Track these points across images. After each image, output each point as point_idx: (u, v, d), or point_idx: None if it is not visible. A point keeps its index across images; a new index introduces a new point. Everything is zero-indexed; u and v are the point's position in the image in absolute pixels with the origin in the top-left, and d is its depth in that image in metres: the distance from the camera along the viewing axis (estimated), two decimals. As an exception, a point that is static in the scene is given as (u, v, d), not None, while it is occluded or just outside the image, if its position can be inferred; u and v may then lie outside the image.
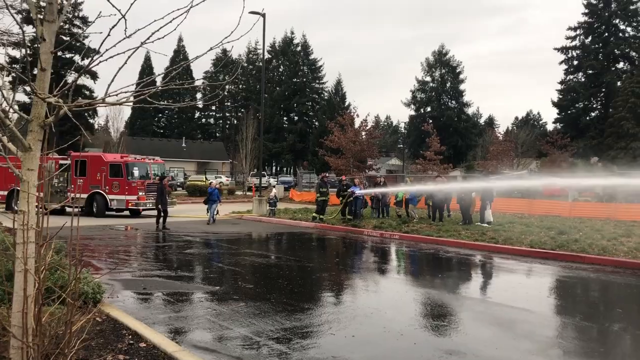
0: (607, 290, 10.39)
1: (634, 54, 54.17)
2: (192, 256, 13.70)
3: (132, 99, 3.81)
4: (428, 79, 78.58)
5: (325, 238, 18.16)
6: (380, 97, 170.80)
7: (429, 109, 78.01)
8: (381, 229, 18.76)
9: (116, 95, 3.64)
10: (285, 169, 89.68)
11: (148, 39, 3.37)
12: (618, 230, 17.38)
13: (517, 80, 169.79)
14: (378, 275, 11.58)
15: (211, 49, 3.84)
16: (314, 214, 21.75)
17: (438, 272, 12.33)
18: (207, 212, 21.37)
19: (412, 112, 79.76)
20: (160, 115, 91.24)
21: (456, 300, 9.01)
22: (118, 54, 3.53)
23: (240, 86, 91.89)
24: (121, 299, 8.34)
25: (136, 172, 23.30)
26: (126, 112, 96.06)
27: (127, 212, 23.58)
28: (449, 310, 8.21)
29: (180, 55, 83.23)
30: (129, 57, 3.45)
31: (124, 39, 3.43)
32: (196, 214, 24.51)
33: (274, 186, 41.81)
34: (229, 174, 65.54)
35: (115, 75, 3.53)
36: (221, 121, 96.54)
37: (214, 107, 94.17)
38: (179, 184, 48.35)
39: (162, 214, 18.94)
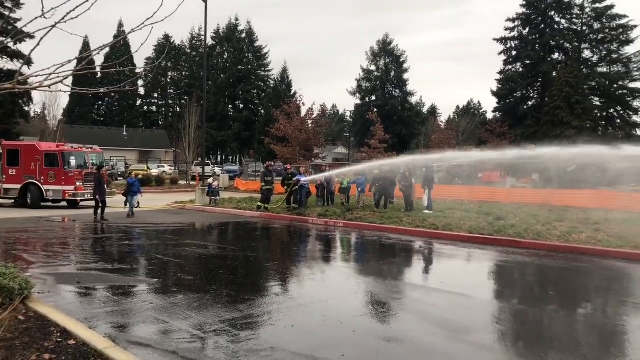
0: (540, 273, 10.76)
1: (568, 45, 56.28)
2: (130, 248, 13.31)
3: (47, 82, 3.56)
4: (373, 68, 79.26)
5: (269, 227, 18.03)
6: (327, 86, 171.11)
7: (373, 97, 78.76)
8: (326, 217, 18.80)
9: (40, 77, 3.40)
10: (230, 157, 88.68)
11: (62, 19, 3.15)
12: (552, 215, 18.10)
13: (459, 70, 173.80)
14: (320, 264, 11.59)
15: (133, 31, 3.64)
16: (258, 203, 21.57)
17: (380, 259, 12.46)
18: (125, 204, 19.79)
19: (358, 101, 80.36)
20: (100, 102, 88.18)
21: (396, 287, 9.11)
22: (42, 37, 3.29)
23: (184, 73, 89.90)
24: (53, 295, 7.97)
25: (73, 162, 22.40)
26: (64, 99, 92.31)
27: (64, 203, 22.67)
28: (389, 298, 8.28)
29: (121, 42, 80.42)
30: (41, 38, 3.23)
31: (37, 18, 3.20)
32: (137, 204, 23.84)
33: (219, 175, 41.28)
34: (172, 163, 64.17)
35: (29, 56, 3.29)
36: (164, 109, 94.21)
37: (156, 95, 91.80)
38: (119, 173, 46.91)
39: (100, 205, 18.31)
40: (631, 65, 53.30)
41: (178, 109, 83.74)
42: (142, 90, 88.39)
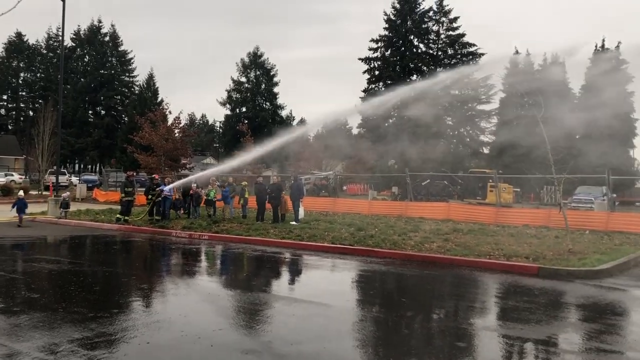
0: (396, 281, 11.41)
1: (425, 68, 60.60)
2: (-33, 265, 12.00)
3: None
4: (244, 79, 79.07)
5: (129, 241, 17.20)
6: (197, 95, 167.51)
7: (244, 109, 78.51)
8: (190, 229, 18.37)
9: None
10: (90, 166, 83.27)
11: None
12: (408, 226, 19.30)
13: (329, 86, 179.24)
14: (182, 278, 11.30)
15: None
16: (118, 215, 20.50)
17: (243, 271, 12.45)
18: None
19: (228, 112, 79.58)
20: (-62, 104, 78.55)
21: (259, 299, 9.15)
22: None
23: (39, 75, 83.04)
24: None
25: None
26: None
27: None
28: (251, 310, 8.29)
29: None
30: None
31: None
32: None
33: (75, 185, 38.65)
34: (22, 172, 58.83)
35: None
36: (14, 112, 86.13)
37: (5, 97, 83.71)
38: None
39: None
40: (479, 89, 58.64)
41: (31, 113, 76.95)
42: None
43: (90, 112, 77.23)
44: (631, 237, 17.35)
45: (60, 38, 32.39)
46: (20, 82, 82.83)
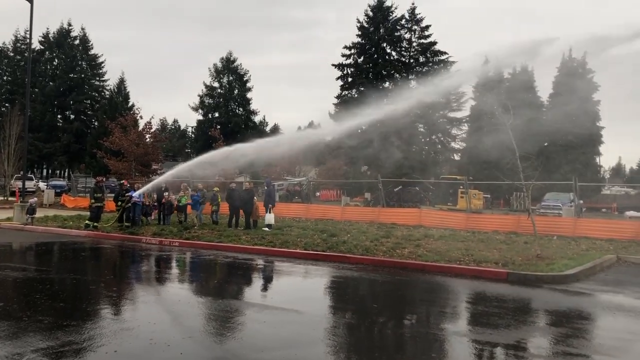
0: (368, 287, 11.43)
1: (397, 75, 61.16)
2: None
3: None
4: (216, 84, 78.64)
5: (97, 247, 16.88)
6: (170, 100, 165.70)
7: (217, 114, 78.03)
8: (161, 236, 18.13)
9: None
10: (58, 171, 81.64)
11: None
12: (380, 232, 19.39)
13: (303, 92, 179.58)
14: (151, 286, 11.14)
15: None
16: (87, 222, 20.11)
17: (214, 278, 12.32)
18: None
19: (200, 117, 79.01)
20: None
21: (230, 306, 9.06)
22: None
23: (5, 78, 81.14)
24: None
25: None
26: None
27: None
28: (222, 317, 8.20)
29: None
30: None
31: None
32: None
33: (42, 191, 37.86)
34: (-13, 177, 57.22)
35: None
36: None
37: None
38: None
39: None
40: (450, 97, 59.41)
41: (-3, 117, 75.15)
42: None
43: (59, 116, 75.80)
44: (597, 242, 17.76)
45: (28, 41, 31.68)
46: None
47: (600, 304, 9.99)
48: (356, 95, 60.92)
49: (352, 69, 60.99)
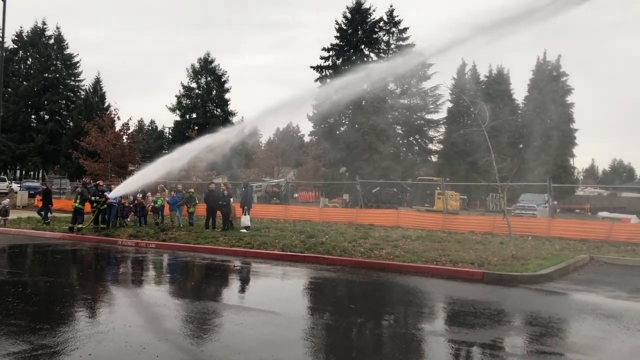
0: (346, 288, 11.47)
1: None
2: None
3: None
4: (194, 85, 78.04)
5: (72, 250, 16.63)
6: (147, 101, 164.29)
7: (194, 115, 77.38)
8: (137, 237, 17.94)
9: None
10: (32, 173, 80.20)
11: None
12: (358, 233, 19.46)
13: (282, 93, 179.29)
14: (126, 287, 11.01)
15: None
16: (79, 225, 19.77)
17: (191, 280, 12.23)
18: None
19: (178, 118, 78.30)
20: None
21: (207, 308, 9.00)
22: None
23: (-23, 77, 79.50)
24: None
25: None
26: None
27: None
28: (199, 319, 8.15)
29: None
30: None
31: None
32: None
33: (15, 192, 37.19)
34: (-42, 178, 56.01)
35: None
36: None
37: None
38: None
39: None
40: (427, 98, 59.88)
41: (-32, 117, 73.54)
42: None
43: (33, 116, 74.42)
44: (571, 242, 18.07)
45: (0, 39, 31.10)
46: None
47: (573, 303, 10.16)
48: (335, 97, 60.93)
49: (331, 71, 61.11)
